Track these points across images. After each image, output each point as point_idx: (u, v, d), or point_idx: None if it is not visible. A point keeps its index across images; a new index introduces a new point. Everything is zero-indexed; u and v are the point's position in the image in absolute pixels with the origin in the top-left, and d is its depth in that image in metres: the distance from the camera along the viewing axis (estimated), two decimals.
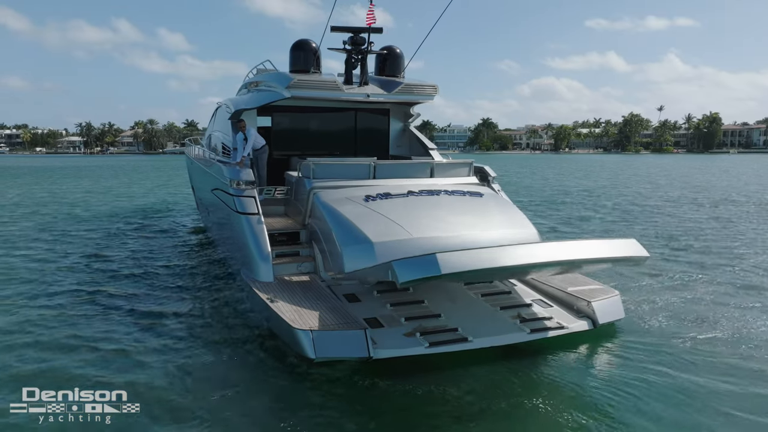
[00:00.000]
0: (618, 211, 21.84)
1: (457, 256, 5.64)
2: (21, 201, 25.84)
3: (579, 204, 24.66)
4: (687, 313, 8.41)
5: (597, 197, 27.68)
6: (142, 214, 20.46)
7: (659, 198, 27.07)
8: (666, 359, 6.65)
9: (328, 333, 6.14)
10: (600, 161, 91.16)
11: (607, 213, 21.22)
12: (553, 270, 6.95)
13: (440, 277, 5.60)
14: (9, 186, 36.20)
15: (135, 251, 13.15)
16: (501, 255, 5.73)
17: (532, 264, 5.94)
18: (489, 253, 5.74)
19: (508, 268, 5.82)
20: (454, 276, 5.88)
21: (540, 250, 5.97)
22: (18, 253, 12.91)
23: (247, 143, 11.29)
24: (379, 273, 6.44)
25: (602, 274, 10.83)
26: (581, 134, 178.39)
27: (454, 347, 6.43)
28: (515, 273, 7.24)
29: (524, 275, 7.99)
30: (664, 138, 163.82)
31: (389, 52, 12.44)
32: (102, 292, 9.46)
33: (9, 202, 25.45)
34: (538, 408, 5.52)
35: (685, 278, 10.47)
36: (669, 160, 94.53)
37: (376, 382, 6.00)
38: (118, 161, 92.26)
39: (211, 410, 5.44)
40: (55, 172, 55.44)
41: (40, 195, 29.31)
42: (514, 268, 6.03)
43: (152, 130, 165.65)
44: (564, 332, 7.01)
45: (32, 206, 23.52)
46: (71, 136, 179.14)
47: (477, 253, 5.74)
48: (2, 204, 24.43)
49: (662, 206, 23.32)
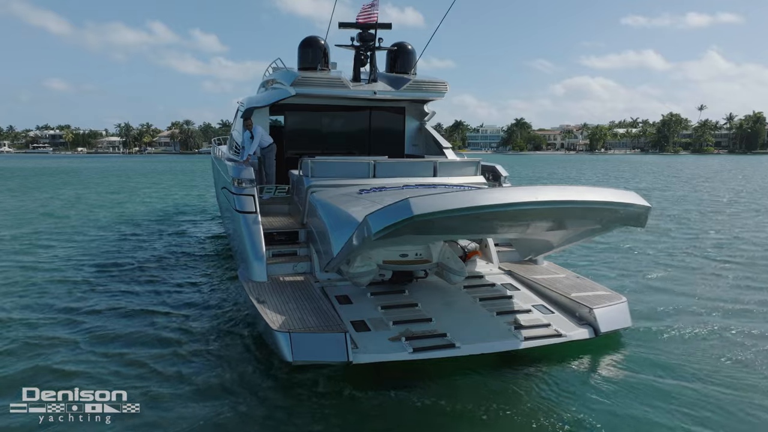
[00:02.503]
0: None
1: (432, 199, 5.07)
2: (35, 206, 26.33)
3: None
4: (711, 329, 7.69)
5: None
6: (156, 218, 20.60)
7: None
8: (670, 380, 6.07)
9: (307, 335, 5.92)
10: (642, 162, 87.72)
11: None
12: (541, 221, 5.99)
13: (413, 221, 5.00)
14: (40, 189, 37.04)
15: (138, 251, 13.17)
16: (479, 196, 5.11)
17: (512, 204, 5.10)
18: (467, 194, 5.15)
19: (486, 209, 5.03)
20: (429, 225, 5.18)
21: (522, 193, 5.23)
22: (18, 253, 12.94)
23: (253, 141, 11.25)
24: (361, 237, 5.82)
25: (618, 279, 10.37)
26: (617, 134, 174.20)
27: (439, 353, 6.13)
28: (498, 221, 5.87)
29: (510, 227, 6.45)
30: (704, 138, 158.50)
31: (400, 48, 12.19)
32: (102, 292, 9.46)
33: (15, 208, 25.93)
34: (522, 420, 5.20)
35: (722, 291, 9.76)
36: (717, 161, 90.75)
37: (357, 388, 5.77)
38: (152, 163, 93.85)
39: (212, 410, 5.37)
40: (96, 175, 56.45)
41: (66, 197, 29.96)
42: (493, 211, 5.13)
43: (188, 130, 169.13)
44: (561, 341, 6.62)
45: (63, 209, 24.01)
46: (111, 136, 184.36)
47: (454, 195, 5.18)
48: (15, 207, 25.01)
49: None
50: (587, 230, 7.10)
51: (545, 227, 6.60)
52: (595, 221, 6.38)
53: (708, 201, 25.56)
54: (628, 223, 6.17)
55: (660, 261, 12.23)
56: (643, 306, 8.62)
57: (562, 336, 6.66)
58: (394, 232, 5.16)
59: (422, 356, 6.07)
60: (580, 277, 8.53)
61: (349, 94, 10.73)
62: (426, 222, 5.04)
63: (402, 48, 12.16)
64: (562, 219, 6.02)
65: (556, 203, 5.18)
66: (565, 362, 6.52)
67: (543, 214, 5.54)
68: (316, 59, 11.56)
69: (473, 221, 5.38)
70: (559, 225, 6.41)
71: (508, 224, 6.11)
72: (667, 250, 13.47)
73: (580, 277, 8.53)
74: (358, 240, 5.84)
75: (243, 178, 9.36)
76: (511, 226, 6.30)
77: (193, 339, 7.25)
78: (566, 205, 5.25)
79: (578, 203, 5.30)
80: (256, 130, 11.25)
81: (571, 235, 7.62)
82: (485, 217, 5.24)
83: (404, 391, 5.72)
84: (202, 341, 7.18)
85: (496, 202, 5.05)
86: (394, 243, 6.79)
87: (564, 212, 5.56)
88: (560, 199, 5.17)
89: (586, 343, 6.85)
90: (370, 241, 5.42)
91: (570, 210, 5.46)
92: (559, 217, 5.87)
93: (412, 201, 5.01)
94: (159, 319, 8.05)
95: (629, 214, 5.86)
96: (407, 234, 5.31)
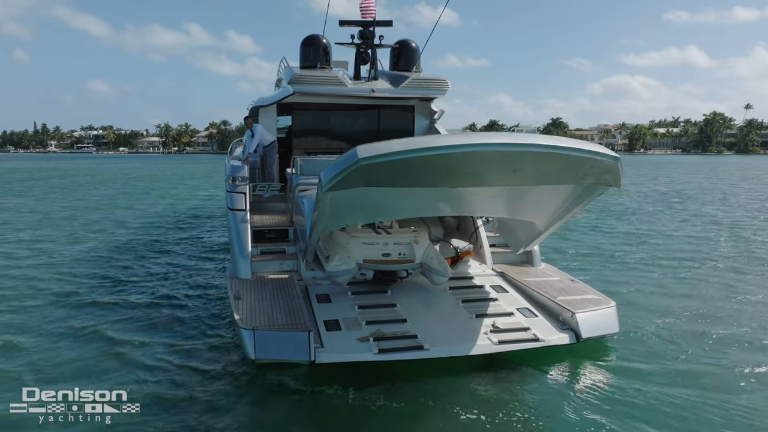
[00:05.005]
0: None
1: (379, 144, 4.71)
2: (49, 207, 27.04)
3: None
4: (707, 342, 7.22)
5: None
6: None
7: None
8: (650, 392, 5.72)
9: (271, 333, 5.87)
10: (690, 163, 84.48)
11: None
12: (499, 173, 5.36)
13: (359, 167, 4.66)
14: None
15: (141, 252, 13.22)
16: (427, 140, 4.72)
17: (458, 146, 4.63)
18: (415, 138, 4.75)
19: (433, 152, 4.63)
20: (378, 173, 4.84)
21: (474, 137, 4.79)
22: (20, 254, 12.98)
23: (253, 140, 11.29)
24: (317, 195, 5.48)
25: (616, 284, 9.98)
26: (657, 134, 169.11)
27: (405, 355, 5.98)
28: (451, 170, 5.21)
29: (468, 178, 5.56)
30: (749, 138, 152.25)
31: (402, 46, 12.04)
32: (103, 292, 9.52)
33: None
34: (486, 423, 5.02)
35: (728, 302, 9.26)
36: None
37: (322, 388, 5.69)
38: (192, 164, 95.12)
39: (211, 410, 5.35)
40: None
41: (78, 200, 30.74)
42: (439, 154, 4.67)
43: (225, 130, 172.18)
44: (538, 345, 6.37)
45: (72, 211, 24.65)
46: (151, 136, 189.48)
47: (402, 140, 4.78)
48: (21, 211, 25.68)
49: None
50: (562, 199, 6.32)
51: (508, 184, 5.83)
52: (562, 177, 5.60)
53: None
54: (600, 182, 5.51)
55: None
56: (644, 312, 8.28)
57: (540, 341, 6.41)
58: (343, 182, 4.90)
59: (387, 357, 5.94)
60: (575, 281, 8.23)
61: (346, 92, 10.63)
62: (373, 169, 4.72)
63: (405, 45, 12.00)
64: (523, 172, 5.32)
65: (507, 146, 4.71)
66: (540, 368, 6.27)
67: (497, 161, 5.02)
68: (317, 57, 11.53)
69: (425, 170, 5.04)
70: (522, 180, 5.61)
71: (464, 176, 5.41)
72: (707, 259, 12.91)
73: (575, 281, 8.23)
74: (323, 213, 5.68)
75: (237, 176, 9.40)
76: (469, 178, 5.51)
77: (194, 339, 7.22)
78: (519, 148, 4.73)
79: (532, 147, 4.75)
80: (257, 129, 11.29)
81: (548, 209, 6.83)
82: (436, 165, 4.88)
83: (368, 392, 5.61)
84: (203, 340, 7.15)
85: (443, 144, 4.67)
86: (356, 210, 6.39)
87: (520, 160, 5.00)
88: (513, 141, 4.70)
89: (566, 349, 6.58)
90: (326, 203, 5.25)
91: (526, 157, 4.90)
92: (518, 168, 5.21)
93: (358, 147, 4.74)
94: (160, 318, 8.06)
95: (596, 168, 5.22)
96: (358, 186, 5.04)
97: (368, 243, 7.67)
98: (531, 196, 6.41)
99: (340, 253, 7.36)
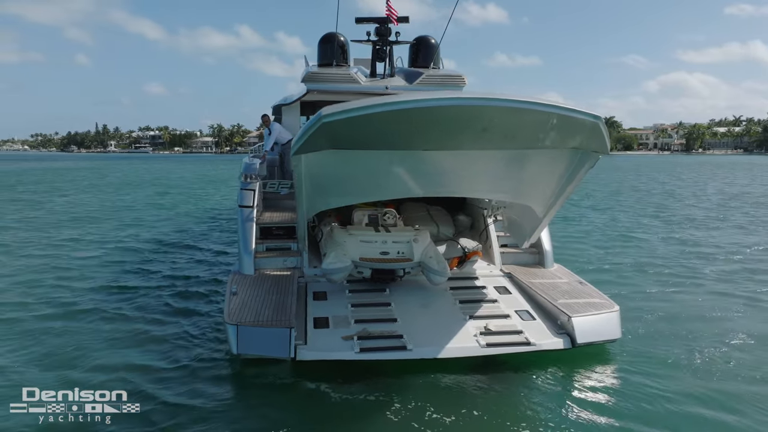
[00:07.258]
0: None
1: (345, 104, 4.55)
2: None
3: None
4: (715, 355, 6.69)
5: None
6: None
7: None
8: (643, 404, 5.41)
9: (253, 329, 5.90)
10: (756, 163, 78.03)
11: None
12: (469, 133, 4.97)
13: (323, 127, 4.53)
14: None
15: (142, 252, 13.11)
16: (394, 97, 4.52)
17: (424, 101, 4.42)
18: (381, 97, 4.59)
19: (397, 107, 4.46)
20: (343, 133, 4.70)
21: (442, 94, 4.60)
22: (20, 255, 12.78)
23: (270, 137, 11.43)
24: (296, 170, 5.54)
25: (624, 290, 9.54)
26: (717, 133, 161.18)
27: (387, 355, 5.89)
28: (421, 131, 4.93)
29: (440, 141, 5.18)
30: None
31: (420, 42, 11.93)
32: (103, 292, 9.47)
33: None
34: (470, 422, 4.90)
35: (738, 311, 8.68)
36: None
37: (302, 384, 5.68)
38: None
39: (212, 409, 5.36)
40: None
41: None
42: (404, 108, 4.48)
43: None
44: (529, 349, 6.14)
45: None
46: (204, 136, 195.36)
47: (367, 99, 4.61)
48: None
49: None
50: (551, 174, 5.98)
51: (484, 147, 5.43)
52: (537, 140, 5.14)
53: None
54: (585, 147, 5.18)
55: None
56: (652, 318, 7.89)
57: (531, 345, 6.17)
58: (310, 143, 4.78)
59: (369, 357, 5.87)
60: (583, 283, 7.89)
61: (360, 89, 10.58)
62: (336, 126, 4.56)
63: (423, 41, 11.87)
64: (494, 131, 4.91)
65: (475, 101, 4.46)
66: (532, 371, 6.04)
67: (463, 117, 4.69)
68: (333, 55, 11.53)
69: (393, 131, 4.83)
70: (498, 143, 5.26)
71: (435, 138, 5.06)
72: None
73: (583, 283, 7.89)
74: (293, 171, 5.69)
75: (249, 173, 9.52)
76: (439, 138, 5.09)
77: (194, 338, 7.25)
78: (489, 103, 4.43)
79: (504, 102, 4.44)
80: (273, 127, 11.42)
81: (540, 188, 6.46)
82: (399, 122, 4.65)
83: (350, 389, 5.55)
84: (204, 340, 7.17)
85: (403, 99, 4.47)
86: (336, 185, 6.28)
87: (487, 116, 4.65)
88: (481, 97, 4.45)
89: (562, 354, 6.30)
90: (300, 170, 5.32)
91: (491, 113, 4.58)
92: (487, 126, 4.83)
93: (323, 108, 4.61)
94: (160, 318, 8.04)
95: (573, 128, 4.86)
96: (326, 147, 4.91)
97: (366, 241, 7.62)
98: (519, 173, 6.19)
99: (336, 250, 7.33)
